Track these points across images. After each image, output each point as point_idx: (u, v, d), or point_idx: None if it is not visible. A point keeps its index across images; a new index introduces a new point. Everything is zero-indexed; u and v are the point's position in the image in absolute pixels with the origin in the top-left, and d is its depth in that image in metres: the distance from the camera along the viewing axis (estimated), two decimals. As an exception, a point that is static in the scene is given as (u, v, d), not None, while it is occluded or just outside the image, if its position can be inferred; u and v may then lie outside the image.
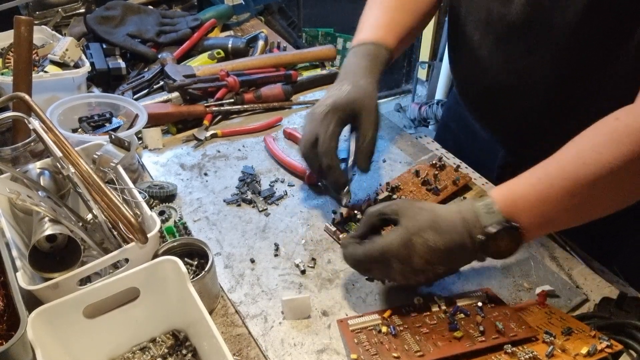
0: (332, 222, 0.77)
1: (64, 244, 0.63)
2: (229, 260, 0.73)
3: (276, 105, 1.03)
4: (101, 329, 0.58)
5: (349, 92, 0.72)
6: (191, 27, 1.19)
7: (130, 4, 1.22)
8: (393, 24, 0.80)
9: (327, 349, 0.62)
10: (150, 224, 0.65)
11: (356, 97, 0.72)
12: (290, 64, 1.14)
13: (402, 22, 0.81)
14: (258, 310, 0.67)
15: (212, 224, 0.79)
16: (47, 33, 1.10)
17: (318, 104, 0.74)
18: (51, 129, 0.67)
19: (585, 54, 0.67)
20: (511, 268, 0.71)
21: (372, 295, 0.68)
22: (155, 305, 0.60)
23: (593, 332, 0.58)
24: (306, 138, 0.73)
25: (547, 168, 0.60)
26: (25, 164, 0.73)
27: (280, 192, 0.84)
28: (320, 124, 0.72)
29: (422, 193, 0.81)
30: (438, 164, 0.85)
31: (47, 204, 0.62)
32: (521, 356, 0.56)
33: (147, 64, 1.13)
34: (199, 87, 1.00)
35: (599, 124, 0.59)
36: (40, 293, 0.57)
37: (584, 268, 0.72)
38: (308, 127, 0.74)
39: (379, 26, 0.79)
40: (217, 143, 0.95)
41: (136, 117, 0.89)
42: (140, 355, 0.61)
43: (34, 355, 0.49)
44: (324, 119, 0.72)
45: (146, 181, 0.85)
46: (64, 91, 0.95)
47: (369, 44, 0.77)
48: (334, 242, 0.75)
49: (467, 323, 0.61)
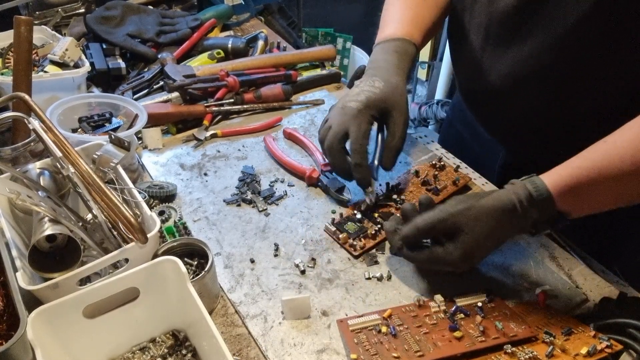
0: (331, 222, 0.77)
1: (64, 244, 0.63)
2: (228, 260, 0.73)
3: (276, 105, 1.03)
4: (101, 329, 0.57)
5: (382, 90, 0.72)
6: (191, 27, 1.19)
7: (130, 4, 1.22)
8: (418, 18, 0.80)
9: (327, 349, 0.62)
10: (150, 224, 0.65)
11: (389, 95, 0.72)
12: (290, 64, 1.14)
13: (426, 17, 0.81)
14: (258, 310, 0.67)
15: (212, 224, 0.79)
16: (47, 33, 1.10)
17: (350, 99, 0.73)
18: (51, 129, 0.67)
19: (585, 54, 0.67)
20: (511, 268, 0.71)
21: (372, 295, 0.68)
22: (155, 305, 0.60)
23: (593, 332, 0.58)
24: (336, 131, 0.72)
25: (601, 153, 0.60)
26: (25, 164, 0.73)
27: (280, 192, 0.84)
28: (353, 120, 0.71)
29: (421, 193, 0.81)
30: (438, 164, 0.85)
31: (47, 204, 0.62)
32: (521, 356, 0.56)
33: (147, 64, 1.13)
34: (199, 87, 1.00)
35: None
36: (40, 293, 0.57)
37: (584, 268, 0.72)
38: (338, 120, 0.73)
39: (405, 22, 0.79)
40: (217, 143, 0.95)
41: (136, 117, 0.88)
42: (140, 355, 0.61)
43: (34, 355, 0.49)
44: (357, 115, 0.71)
45: (146, 181, 0.85)
46: (63, 91, 0.95)
47: (397, 40, 0.77)
48: (333, 242, 0.75)
49: (467, 323, 0.61)
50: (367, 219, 0.77)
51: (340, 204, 0.82)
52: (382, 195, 0.81)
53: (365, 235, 0.75)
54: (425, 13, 0.81)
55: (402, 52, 0.77)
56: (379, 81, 0.73)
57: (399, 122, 0.73)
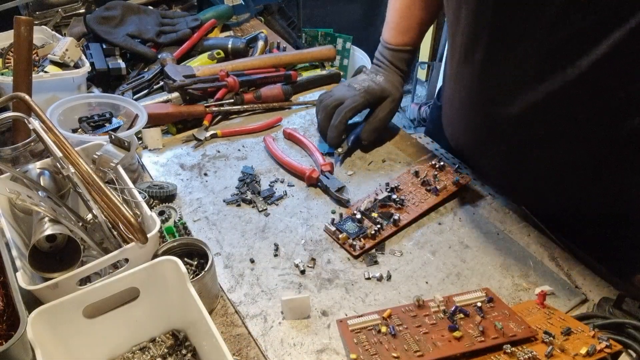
0: (331, 222, 0.77)
1: (64, 244, 0.63)
2: (228, 260, 0.73)
3: (276, 105, 1.03)
4: (101, 329, 0.58)
5: (380, 84, 0.92)
6: (191, 28, 1.19)
7: (130, 4, 1.22)
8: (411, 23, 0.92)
9: (327, 349, 0.62)
10: (150, 224, 0.65)
11: (385, 88, 0.92)
12: (289, 64, 1.14)
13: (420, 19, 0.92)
14: (258, 310, 0.67)
15: (212, 224, 0.79)
16: (47, 33, 1.10)
17: (355, 83, 0.93)
18: (51, 129, 0.67)
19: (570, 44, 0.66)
20: (510, 268, 0.71)
21: (372, 295, 0.68)
22: (155, 305, 0.60)
23: (592, 332, 0.58)
24: (335, 97, 0.91)
25: None
26: (25, 164, 0.73)
27: (280, 192, 0.84)
28: (352, 96, 0.90)
29: (421, 193, 0.82)
30: (437, 164, 0.86)
31: (47, 204, 0.62)
32: (520, 356, 0.56)
33: (147, 64, 1.13)
34: (198, 88, 1.00)
35: None
36: (40, 293, 0.57)
37: (584, 268, 0.72)
38: (341, 92, 0.92)
39: (400, 30, 0.93)
40: (217, 143, 0.95)
41: (136, 117, 0.89)
42: (140, 355, 0.61)
43: (34, 355, 0.49)
44: (356, 94, 0.90)
45: (146, 181, 0.85)
46: (64, 91, 0.95)
47: (393, 50, 0.93)
48: (333, 242, 0.75)
49: (466, 323, 0.61)
50: (367, 219, 0.77)
51: (340, 204, 0.82)
52: (384, 196, 0.81)
53: (365, 236, 0.75)
54: (417, 14, 0.91)
55: (399, 59, 0.94)
56: (381, 77, 0.93)
57: (385, 106, 0.92)
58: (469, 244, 0.75)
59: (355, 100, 0.89)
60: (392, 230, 0.76)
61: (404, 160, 0.91)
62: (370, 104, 0.91)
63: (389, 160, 0.91)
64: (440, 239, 0.76)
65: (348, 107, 0.88)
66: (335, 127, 0.89)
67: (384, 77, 0.92)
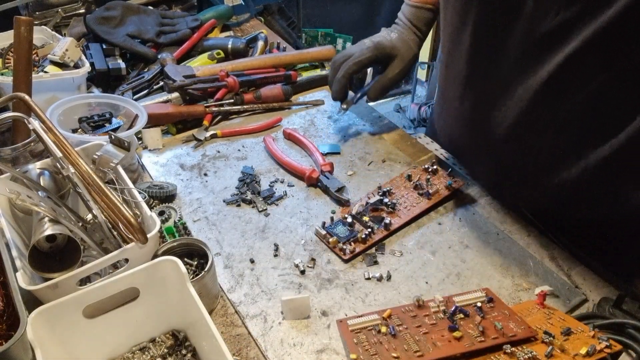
0: (322, 225, 0.76)
1: (64, 244, 0.63)
2: (228, 260, 0.73)
3: (276, 105, 1.03)
4: (101, 329, 0.58)
5: (392, 41, 0.90)
6: (191, 28, 1.19)
7: (130, 4, 1.22)
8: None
9: (327, 349, 0.62)
10: (150, 224, 0.65)
11: (397, 45, 0.90)
12: (289, 64, 1.14)
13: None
14: (258, 310, 0.67)
15: (212, 224, 0.79)
16: (47, 33, 1.10)
17: (369, 39, 0.91)
18: (51, 129, 0.67)
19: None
20: (510, 268, 0.71)
21: (372, 295, 0.68)
22: (155, 305, 0.60)
23: (592, 333, 0.58)
24: (344, 53, 0.92)
25: None
26: (25, 164, 0.73)
27: (280, 193, 0.84)
28: (360, 50, 0.89)
29: (413, 197, 0.81)
30: (430, 168, 0.85)
31: (47, 204, 0.62)
32: (520, 356, 0.56)
33: (147, 64, 1.13)
34: (198, 88, 1.00)
35: None
36: (40, 293, 0.57)
37: (584, 268, 0.72)
38: (352, 48, 0.91)
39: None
40: (217, 143, 0.95)
41: (136, 117, 0.89)
42: (140, 355, 0.61)
43: (34, 355, 0.49)
44: (364, 48, 0.89)
45: (146, 181, 0.85)
46: (64, 91, 0.95)
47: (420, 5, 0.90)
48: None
49: (466, 323, 0.61)
50: (358, 222, 0.77)
51: (340, 204, 0.82)
52: (376, 199, 0.80)
53: (356, 239, 0.74)
54: None
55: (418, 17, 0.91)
56: (395, 33, 0.91)
57: (395, 66, 0.90)
58: (468, 244, 0.75)
59: (363, 53, 0.89)
60: (383, 234, 0.75)
61: (404, 160, 0.91)
62: (379, 59, 0.90)
63: (389, 161, 0.91)
64: (440, 239, 0.76)
65: (353, 60, 0.89)
66: (338, 80, 0.89)
67: (398, 34, 0.90)
